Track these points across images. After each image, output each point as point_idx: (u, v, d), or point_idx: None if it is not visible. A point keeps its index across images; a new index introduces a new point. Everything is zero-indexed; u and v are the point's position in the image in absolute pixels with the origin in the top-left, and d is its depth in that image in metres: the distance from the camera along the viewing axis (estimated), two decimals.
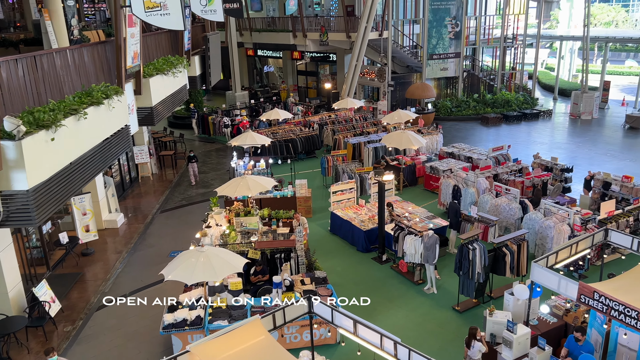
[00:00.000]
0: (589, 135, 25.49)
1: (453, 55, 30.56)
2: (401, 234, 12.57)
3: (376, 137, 20.96)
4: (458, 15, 29.94)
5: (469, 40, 31.70)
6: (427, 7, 28.90)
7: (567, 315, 9.41)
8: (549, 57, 51.01)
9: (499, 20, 32.28)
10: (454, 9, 29.80)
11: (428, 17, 29.11)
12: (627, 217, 12.84)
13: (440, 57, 30.27)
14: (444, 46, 30.21)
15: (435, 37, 29.86)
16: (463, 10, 29.92)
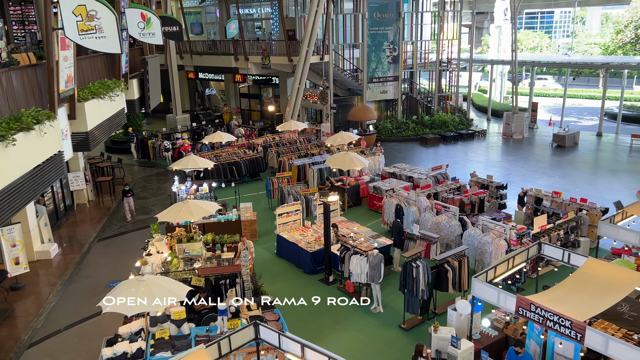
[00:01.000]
0: (521, 154, 26.87)
1: (392, 79, 31.55)
2: (347, 254, 12.65)
3: (320, 159, 21.15)
4: (395, 40, 31.03)
5: (407, 64, 32.88)
6: (366, 32, 29.80)
7: (507, 328, 9.74)
8: (481, 80, 53.69)
9: (434, 45, 33.73)
10: (391, 34, 30.87)
11: (367, 42, 29.99)
12: (558, 230, 13.56)
13: (380, 80, 31.17)
14: (383, 70, 31.15)
15: (374, 61, 30.76)
16: (400, 35, 31.05)
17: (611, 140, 29.35)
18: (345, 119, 29.51)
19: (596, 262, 9.61)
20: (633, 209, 12.06)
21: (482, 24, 56.67)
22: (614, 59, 35.05)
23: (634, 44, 39.06)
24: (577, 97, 47.69)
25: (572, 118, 37.38)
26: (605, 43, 43.46)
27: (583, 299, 8.32)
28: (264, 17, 32.93)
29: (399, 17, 30.72)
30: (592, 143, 28.81)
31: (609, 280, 8.91)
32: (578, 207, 15.02)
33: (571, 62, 36.18)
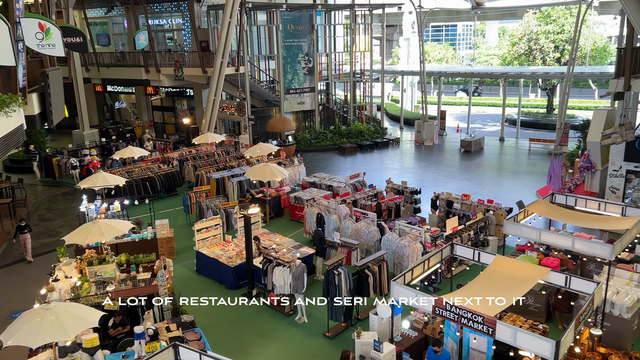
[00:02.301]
0: (432, 160, 28.20)
1: (308, 90, 31.96)
2: (270, 267, 12.54)
3: (240, 171, 20.89)
4: (310, 52, 31.50)
5: (322, 75, 33.47)
6: (281, 43, 29.99)
7: (426, 328, 10.11)
8: (393, 90, 55.88)
9: (348, 57, 34.64)
10: (305, 46, 31.31)
11: (282, 54, 30.18)
12: (469, 231, 14.33)
13: (297, 91, 31.45)
14: (300, 81, 31.48)
15: (290, 73, 31.00)
16: (314, 47, 31.57)
17: (512, 145, 31.62)
18: (264, 130, 29.43)
19: (503, 259, 10.26)
20: (533, 207, 13.02)
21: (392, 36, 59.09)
22: (511, 69, 37.90)
23: (527, 55, 42.47)
24: (481, 105, 50.99)
25: (477, 125, 39.87)
26: (503, 54, 46.90)
27: (493, 294, 8.82)
28: (175, 28, 32.12)
29: (312, 29, 31.24)
30: (496, 147, 30.86)
31: (515, 275, 9.53)
32: (485, 208, 15.98)
33: (474, 72, 38.66)
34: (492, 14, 44.19)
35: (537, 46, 41.43)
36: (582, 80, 41.37)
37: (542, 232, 11.75)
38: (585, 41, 41.59)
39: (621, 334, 10.25)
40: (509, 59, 44.71)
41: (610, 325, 10.29)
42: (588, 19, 38.88)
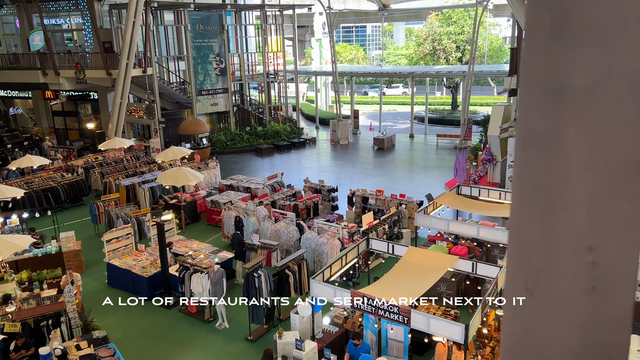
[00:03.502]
0: (348, 158, 28.82)
1: (221, 91, 31.40)
2: (187, 274, 12.17)
3: (151, 177, 20.06)
4: (221, 52, 30.96)
5: (235, 76, 33.03)
6: (190, 44, 29.20)
7: (347, 322, 10.32)
8: (308, 90, 56.44)
9: (260, 57, 34.47)
10: (216, 47, 30.72)
11: (192, 54, 29.39)
12: (383, 225, 14.81)
13: (209, 92, 30.78)
14: (212, 82, 30.84)
15: (201, 74, 30.28)
16: (225, 47, 31.07)
17: (422, 141, 33.10)
18: (176, 133, 28.50)
19: (415, 250, 10.71)
20: (441, 199, 13.72)
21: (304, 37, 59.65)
22: (417, 69, 39.67)
23: (432, 55, 44.72)
24: (392, 104, 52.89)
25: (389, 122, 41.29)
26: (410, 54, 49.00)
27: (407, 284, 9.18)
28: (74, 28, 30.20)
29: (222, 29, 30.72)
30: (407, 144, 32.15)
31: (427, 264, 9.99)
32: (398, 202, 16.59)
33: (383, 72, 40.01)
34: (398, 15, 46.03)
35: (441, 46, 43.71)
36: (482, 78, 44.22)
37: (450, 222, 12.41)
38: (483, 41, 44.47)
39: None
40: (415, 59, 46.77)
41: None
42: (485, 20, 41.62)
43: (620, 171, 0.68)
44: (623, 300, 0.72)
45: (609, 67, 0.67)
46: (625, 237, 0.71)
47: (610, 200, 0.70)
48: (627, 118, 0.67)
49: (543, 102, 0.70)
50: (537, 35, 0.68)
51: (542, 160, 0.71)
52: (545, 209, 0.73)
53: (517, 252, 0.76)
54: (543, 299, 0.75)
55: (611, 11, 0.65)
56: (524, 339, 0.77)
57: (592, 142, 0.68)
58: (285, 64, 35.38)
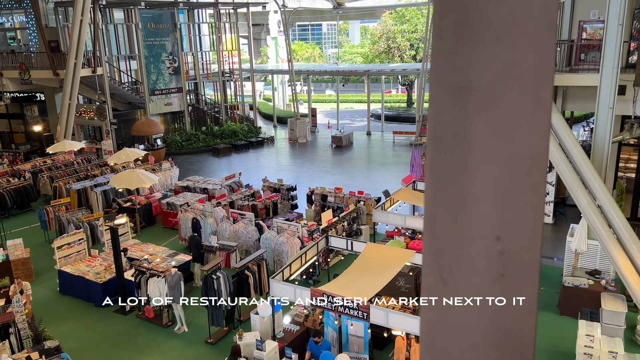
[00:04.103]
0: (307, 156, 28.85)
1: (175, 90, 30.80)
2: (143, 278, 11.90)
3: (104, 180, 19.47)
4: (174, 51, 30.36)
5: (189, 75, 32.46)
6: (142, 43, 28.49)
7: (307, 321, 10.34)
8: (265, 89, 56.11)
9: (215, 56, 34.02)
10: (169, 45, 30.10)
11: (144, 53, 28.69)
12: (343, 222, 14.92)
13: (163, 92, 30.14)
14: (165, 81, 30.20)
15: (154, 73, 29.60)
16: (178, 46, 30.49)
17: (378, 138, 33.52)
18: (129, 135, 27.77)
19: (374, 246, 10.85)
20: (398, 195, 13.95)
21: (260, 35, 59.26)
22: (373, 67, 40.12)
23: (387, 53, 45.34)
24: (349, 102, 53.30)
25: (346, 120, 41.58)
26: (365, 52, 49.49)
27: (366, 280, 9.29)
28: (18, 26, 28.91)
29: (175, 28, 30.13)
30: (364, 141, 32.48)
31: (386, 259, 10.14)
32: (357, 199, 16.75)
33: (339, 70, 40.23)
34: (353, 13, 46.39)
35: (395, 44, 44.37)
36: None
37: (407, 217, 12.64)
38: None
39: None
40: (370, 57, 47.29)
41: None
42: None
43: (523, 163, 0.71)
44: (529, 286, 0.76)
45: (509, 64, 0.70)
46: (529, 225, 0.75)
47: (515, 191, 0.74)
48: (527, 113, 0.71)
49: (451, 100, 0.73)
50: (444, 34, 0.71)
51: (451, 155, 0.75)
52: (455, 202, 0.76)
53: (432, 244, 0.79)
54: (457, 288, 0.79)
55: (509, 11, 0.69)
56: (440, 327, 0.80)
57: (496, 137, 0.72)
58: (241, 63, 35.05)
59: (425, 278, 0.82)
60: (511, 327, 0.78)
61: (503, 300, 0.78)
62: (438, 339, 0.81)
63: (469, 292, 0.78)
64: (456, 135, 0.73)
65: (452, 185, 0.76)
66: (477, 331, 0.79)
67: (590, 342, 9.15)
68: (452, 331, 0.80)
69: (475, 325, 0.79)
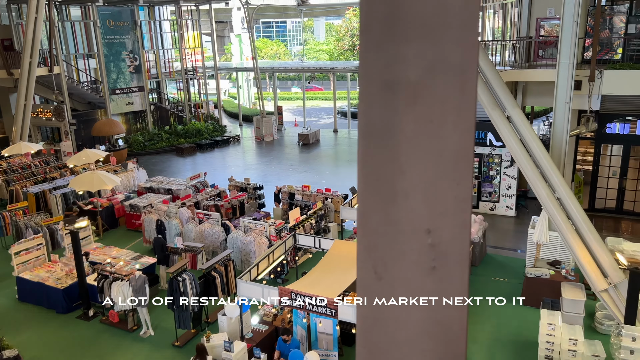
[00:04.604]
0: (274, 154, 28.72)
1: (137, 89, 30.13)
2: (106, 283, 11.60)
3: (63, 182, 18.88)
4: (135, 49, 29.69)
5: (151, 73, 31.81)
6: (100, 41, 27.74)
7: (276, 320, 10.30)
8: (230, 87, 55.55)
9: (178, 53, 33.45)
10: (129, 43, 29.41)
11: (103, 51, 27.94)
12: (310, 220, 14.91)
13: (124, 91, 29.44)
14: (126, 80, 29.51)
15: (114, 72, 28.88)
16: (139, 44, 29.83)
17: (345, 135, 33.67)
18: (90, 135, 27.01)
19: (341, 243, 10.89)
20: None
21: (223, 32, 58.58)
22: (338, 64, 40.25)
23: (351, 50, 45.58)
24: (315, 99, 53.33)
25: (313, 118, 41.58)
26: (331, 50, 49.60)
27: (334, 277, 9.32)
28: None
29: (135, 25, 29.45)
30: (331, 139, 32.56)
31: (353, 256, 10.18)
32: (324, 197, 16.77)
33: (305, 67, 40.21)
34: (317, 10, 46.42)
35: None
36: None
37: None
38: None
39: None
40: (336, 54, 47.43)
41: None
42: None
43: (450, 158, 0.72)
44: (459, 277, 0.77)
45: (435, 59, 0.70)
46: (458, 218, 0.76)
47: (443, 185, 0.74)
48: (453, 108, 0.71)
49: (379, 95, 0.73)
50: (371, 30, 0.70)
51: (382, 151, 0.74)
52: (387, 197, 0.76)
53: (365, 239, 0.79)
54: (391, 282, 0.79)
55: (434, 6, 0.68)
56: (376, 322, 0.80)
57: (424, 132, 0.72)
58: (205, 60, 34.57)
59: (360, 273, 0.82)
60: (443, 318, 0.78)
61: (435, 293, 0.78)
62: (374, 334, 0.81)
63: (403, 286, 0.78)
64: (386, 131, 0.73)
65: (383, 181, 0.75)
66: (412, 324, 0.79)
67: (552, 330, 9.43)
68: (388, 325, 0.80)
69: (410, 319, 0.79)
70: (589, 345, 9.25)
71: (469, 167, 0.72)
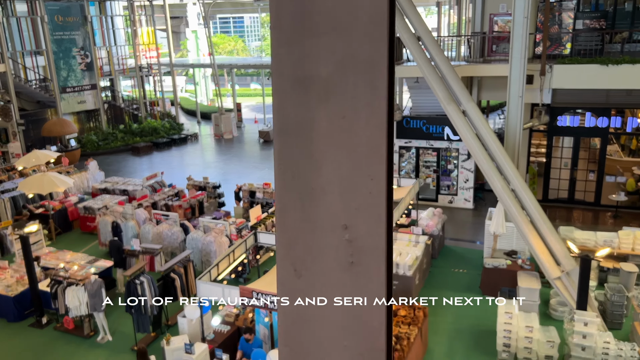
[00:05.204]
0: (233, 152, 28.40)
1: (89, 87, 29.15)
2: (60, 288, 11.20)
3: (12, 185, 18.07)
4: (86, 45, 28.71)
5: (104, 70, 30.84)
6: (49, 37, 26.66)
7: (238, 320, 10.19)
8: (187, 84, 54.52)
9: (131, 50, 32.56)
10: (80, 40, 28.41)
11: (52, 48, 26.88)
12: (271, 218, 14.84)
13: (75, 89, 28.43)
14: (77, 78, 28.50)
15: (65, 69, 27.84)
16: (90, 40, 28.86)
17: None
18: (40, 136, 25.97)
19: None
20: None
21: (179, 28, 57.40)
22: None
23: None
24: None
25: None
26: None
27: None
28: None
29: (85, 21, 28.47)
30: None
31: None
32: None
33: (264, 63, 39.92)
34: None
35: None
36: None
37: None
38: None
39: (406, 289, 11.77)
40: None
41: (398, 283, 11.73)
42: None
43: (363, 153, 0.70)
44: (377, 272, 0.76)
45: (346, 55, 0.69)
46: (373, 213, 0.75)
47: (358, 180, 0.72)
48: (365, 103, 0.70)
49: (292, 91, 0.71)
50: (282, 24, 0.69)
51: (297, 147, 0.72)
52: (304, 193, 0.74)
53: (284, 237, 0.78)
54: (310, 279, 0.77)
55: (344, 1, 0.66)
56: (297, 319, 0.79)
57: (338, 127, 0.70)
58: (160, 57, 33.80)
59: (280, 271, 0.80)
60: (363, 314, 0.78)
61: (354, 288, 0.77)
62: (296, 331, 0.80)
63: (322, 283, 0.77)
64: (300, 127, 0.71)
65: (300, 177, 0.74)
66: (332, 320, 0.79)
67: (509, 319, 9.70)
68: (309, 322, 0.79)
69: (330, 315, 0.78)
70: (544, 332, 9.57)
71: (382, 162, 0.71)
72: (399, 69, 17.99)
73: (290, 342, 0.82)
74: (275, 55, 0.72)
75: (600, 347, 8.97)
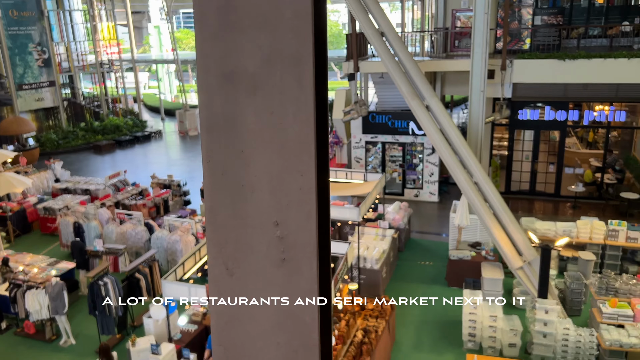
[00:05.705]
0: (199, 149, 27.98)
1: (47, 84, 28.22)
2: (19, 292, 10.84)
3: None
4: (43, 41, 27.76)
5: (63, 67, 29.89)
6: (3, 32, 25.65)
7: (206, 319, 10.09)
8: (150, 80, 53.39)
9: (91, 45, 31.67)
10: (36, 35, 27.45)
11: (7, 44, 25.87)
12: None
13: (32, 86, 27.48)
14: (34, 75, 27.55)
15: (21, 66, 26.86)
16: (48, 36, 27.92)
17: None
18: None
19: None
20: None
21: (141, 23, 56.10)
22: None
23: None
24: None
25: None
26: None
27: None
28: None
29: (42, 15, 27.51)
30: None
31: None
32: None
33: None
34: None
35: None
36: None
37: None
38: None
39: (374, 283, 11.89)
40: None
41: (366, 277, 11.84)
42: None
43: (292, 149, 0.70)
44: (309, 268, 0.77)
45: (271, 50, 0.68)
46: (303, 209, 0.75)
47: (287, 176, 0.73)
48: (292, 99, 0.70)
49: (219, 87, 0.70)
50: (206, 19, 0.68)
51: (226, 144, 0.72)
52: (234, 191, 0.74)
53: (215, 236, 0.78)
54: (242, 277, 0.77)
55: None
56: (230, 317, 0.79)
57: (266, 123, 0.70)
58: (121, 53, 32.99)
59: (212, 270, 0.80)
60: (295, 310, 0.78)
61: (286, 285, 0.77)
62: (229, 330, 0.80)
63: (255, 280, 0.77)
64: (229, 123, 0.71)
65: (229, 174, 0.73)
66: (265, 318, 0.79)
67: (474, 309, 9.93)
68: (241, 320, 0.79)
69: (262, 312, 0.78)
70: (507, 320, 9.84)
71: (311, 158, 0.71)
72: (364, 64, 18.06)
73: (224, 341, 0.81)
74: (200, 50, 0.71)
75: (561, 334, 9.29)
